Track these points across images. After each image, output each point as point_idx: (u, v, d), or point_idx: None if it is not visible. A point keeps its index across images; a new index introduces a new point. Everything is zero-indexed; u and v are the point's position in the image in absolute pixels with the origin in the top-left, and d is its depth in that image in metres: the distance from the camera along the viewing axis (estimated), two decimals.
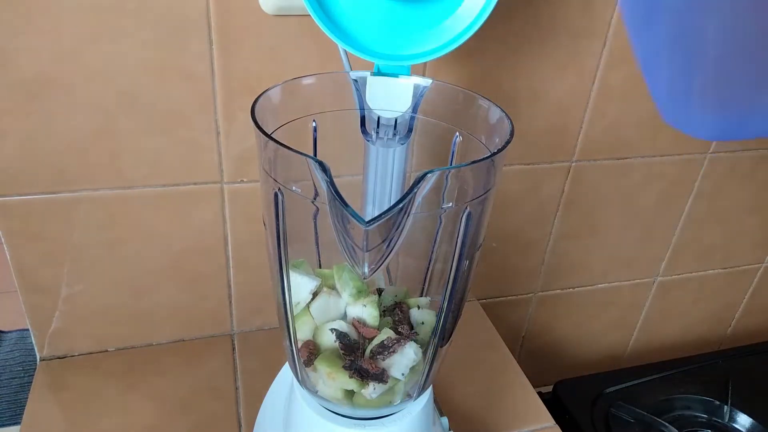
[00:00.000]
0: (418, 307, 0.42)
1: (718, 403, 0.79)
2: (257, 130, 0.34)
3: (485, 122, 0.41)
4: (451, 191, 0.36)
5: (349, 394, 0.40)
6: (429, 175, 0.31)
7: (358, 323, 0.40)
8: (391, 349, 0.39)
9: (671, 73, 0.29)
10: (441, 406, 0.57)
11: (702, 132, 0.31)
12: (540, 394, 0.64)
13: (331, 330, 0.40)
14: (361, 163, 0.43)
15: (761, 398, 0.80)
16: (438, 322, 0.40)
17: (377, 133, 0.42)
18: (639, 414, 0.75)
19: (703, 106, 0.30)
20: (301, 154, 0.32)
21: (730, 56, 0.27)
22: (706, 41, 0.27)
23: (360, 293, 0.40)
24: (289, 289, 0.40)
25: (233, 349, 0.65)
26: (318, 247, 0.43)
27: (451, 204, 0.36)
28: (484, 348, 0.69)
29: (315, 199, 0.35)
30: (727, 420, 0.79)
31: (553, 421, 0.61)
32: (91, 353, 0.62)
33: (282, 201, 0.36)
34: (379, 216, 0.31)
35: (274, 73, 0.53)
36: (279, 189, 0.35)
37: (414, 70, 0.42)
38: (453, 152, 0.43)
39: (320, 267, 0.44)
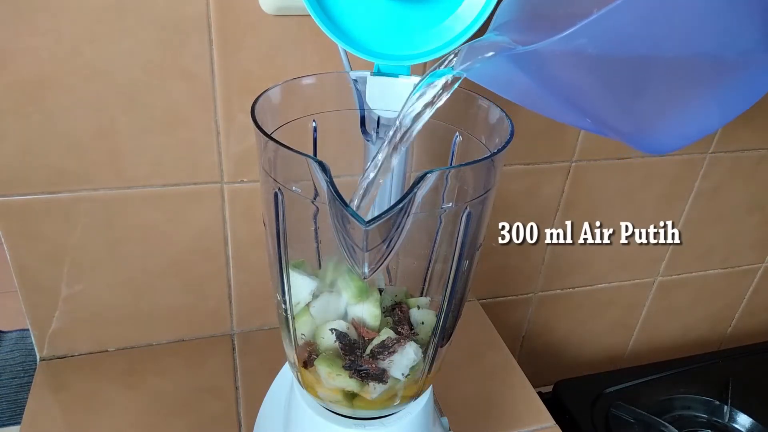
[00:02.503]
0: (418, 307, 0.42)
1: (718, 403, 0.79)
2: (257, 130, 0.34)
3: (485, 122, 0.40)
4: (451, 191, 0.36)
5: (349, 394, 0.40)
6: (429, 175, 0.31)
7: (358, 323, 0.40)
8: (391, 349, 0.39)
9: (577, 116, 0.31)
10: (441, 406, 0.57)
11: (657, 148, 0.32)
12: (540, 394, 0.64)
13: (331, 330, 0.40)
14: (361, 163, 0.43)
15: (761, 398, 0.80)
16: (438, 322, 0.40)
17: (377, 133, 0.42)
18: (639, 414, 0.75)
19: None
20: (301, 154, 0.32)
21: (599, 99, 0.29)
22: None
23: (361, 293, 0.40)
24: (289, 289, 0.40)
25: (233, 349, 0.65)
26: (318, 247, 0.43)
27: (451, 204, 0.36)
28: (484, 348, 0.69)
29: (315, 199, 0.35)
30: (727, 420, 0.79)
31: (553, 421, 0.61)
32: (91, 353, 0.62)
33: (282, 201, 0.36)
34: (379, 216, 0.30)
35: (274, 73, 0.53)
36: (279, 189, 0.35)
37: (414, 70, 0.42)
38: (453, 152, 0.43)
39: (320, 267, 0.44)
